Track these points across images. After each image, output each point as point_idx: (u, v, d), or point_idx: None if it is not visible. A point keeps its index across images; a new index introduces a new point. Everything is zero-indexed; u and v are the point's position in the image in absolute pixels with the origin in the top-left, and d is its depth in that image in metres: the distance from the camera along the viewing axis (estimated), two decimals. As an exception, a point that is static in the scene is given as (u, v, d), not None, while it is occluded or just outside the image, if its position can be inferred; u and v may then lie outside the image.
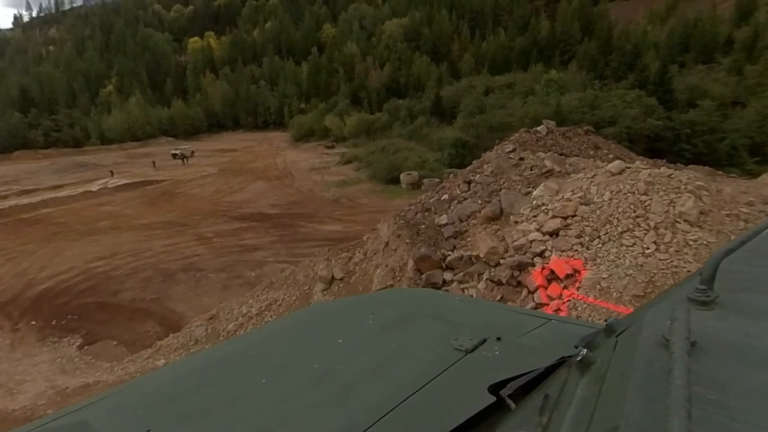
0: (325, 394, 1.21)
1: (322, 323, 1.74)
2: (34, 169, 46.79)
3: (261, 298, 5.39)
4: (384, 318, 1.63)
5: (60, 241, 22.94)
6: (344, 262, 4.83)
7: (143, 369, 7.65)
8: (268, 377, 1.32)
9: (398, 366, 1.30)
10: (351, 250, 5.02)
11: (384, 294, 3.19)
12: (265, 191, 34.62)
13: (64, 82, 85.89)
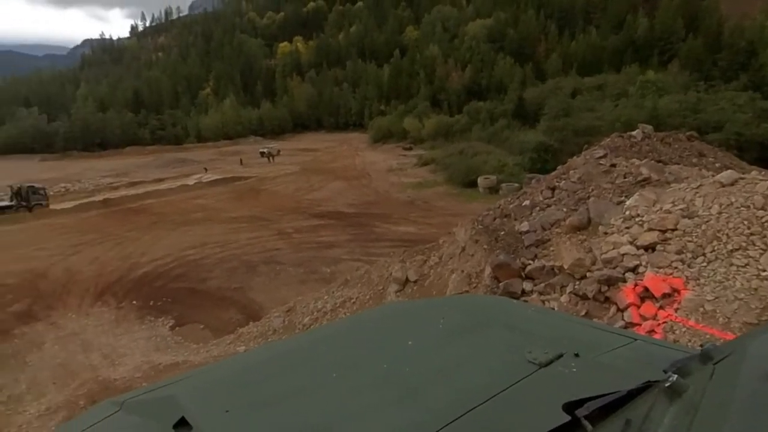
0: (391, 394, 1.21)
1: (394, 323, 1.75)
2: (141, 164, 51.83)
3: (336, 294, 5.49)
4: (455, 323, 1.61)
5: (159, 229, 25.13)
6: (419, 265, 4.76)
7: (225, 353, 8.16)
8: (338, 372, 1.34)
9: (467, 373, 1.28)
10: (426, 253, 4.94)
11: (456, 299, 3.08)
12: (343, 190, 35.57)
13: (169, 85, 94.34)
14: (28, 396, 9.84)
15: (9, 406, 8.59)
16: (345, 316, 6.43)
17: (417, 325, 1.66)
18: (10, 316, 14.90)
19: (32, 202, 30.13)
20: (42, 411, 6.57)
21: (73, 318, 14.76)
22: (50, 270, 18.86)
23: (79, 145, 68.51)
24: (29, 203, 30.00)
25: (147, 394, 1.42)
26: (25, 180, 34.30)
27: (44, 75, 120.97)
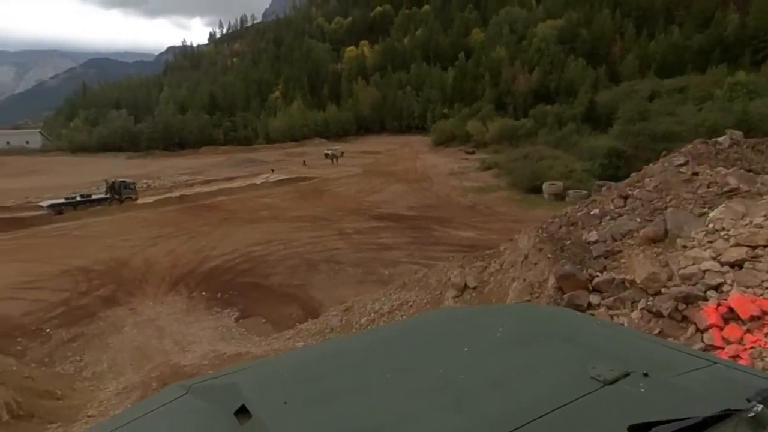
0: (446, 399, 1.20)
1: (450, 328, 1.73)
2: (214, 163, 54.91)
3: (393, 297, 5.49)
4: (514, 332, 1.58)
5: (229, 225, 26.48)
6: (479, 271, 4.64)
7: (284, 347, 8.45)
8: (393, 373, 1.35)
9: (525, 384, 1.25)
10: (486, 260, 4.81)
11: (516, 307, 2.98)
12: (403, 193, 35.68)
13: (241, 89, 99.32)
14: (108, 374, 10.73)
15: (92, 382, 9.41)
16: (402, 319, 6.43)
17: (474, 332, 1.64)
18: (96, 300, 16.30)
19: (123, 196, 32.98)
20: (120, 389, 7.15)
21: (150, 305, 15.89)
22: (132, 259, 20.44)
23: (160, 145, 73.86)
24: (121, 196, 32.84)
25: (212, 380, 1.48)
26: (113, 175, 37.52)
27: (133, 80, 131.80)
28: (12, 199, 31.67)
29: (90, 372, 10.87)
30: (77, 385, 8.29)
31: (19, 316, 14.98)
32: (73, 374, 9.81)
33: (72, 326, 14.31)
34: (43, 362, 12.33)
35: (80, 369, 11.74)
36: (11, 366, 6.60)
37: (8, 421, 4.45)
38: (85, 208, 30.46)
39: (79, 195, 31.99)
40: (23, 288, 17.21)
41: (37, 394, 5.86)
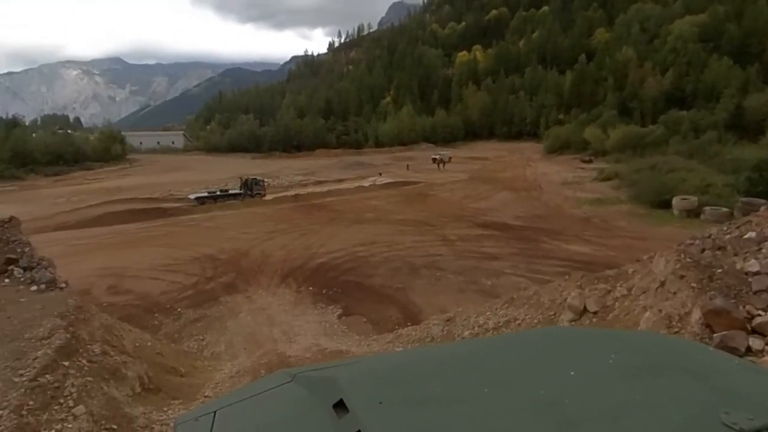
0: (546, 423, 1.14)
1: (558, 349, 1.64)
2: (327, 165, 57.92)
3: (499, 312, 5.15)
4: (629, 361, 1.45)
5: (336, 225, 27.65)
6: (601, 294, 4.14)
7: (383, 350, 8.51)
8: (491, 388, 1.31)
9: (639, 420, 1.13)
10: (610, 282, 4.28)
11: (634, 335, 2.65)
12: (510, 202, 34.34)
13: (355, 95, 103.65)
14: (225, 356, 11.71)
15: (211, 362, 10.34)
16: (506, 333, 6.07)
17: (583, 355, 1.54)
18: (219, 285, 17.97)
19: (254, 192, 36.40)
20: (233, 373, 7.74)
21: (263, 295, 17.10)
22: (250, 251, 22.23)
23: (280, 147, 79.91)
24: (252, 192, 36.26)
25: (314, 372, 1.57)
26: (239, 174, 41.37)
27: (260, 88, 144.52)
28: (158, 192, 36.41)
29: (209, 351, 11.98)
30: (198, 363, 9.14)
31: (158, 294, 17.05)
32: (196, 352, 10.92)
33: (198, 308, 15.92)
34: (173, 338, 13.88)
35: (202, 347, 12.99)
36: (147, 341, 7.51)
37: (139, 393, 5.03)
38: (223, 202, 34.26)
39: (218, 190, 36.11)
40: (163, 270, 19.59)
41: (165, 370, 6.57)
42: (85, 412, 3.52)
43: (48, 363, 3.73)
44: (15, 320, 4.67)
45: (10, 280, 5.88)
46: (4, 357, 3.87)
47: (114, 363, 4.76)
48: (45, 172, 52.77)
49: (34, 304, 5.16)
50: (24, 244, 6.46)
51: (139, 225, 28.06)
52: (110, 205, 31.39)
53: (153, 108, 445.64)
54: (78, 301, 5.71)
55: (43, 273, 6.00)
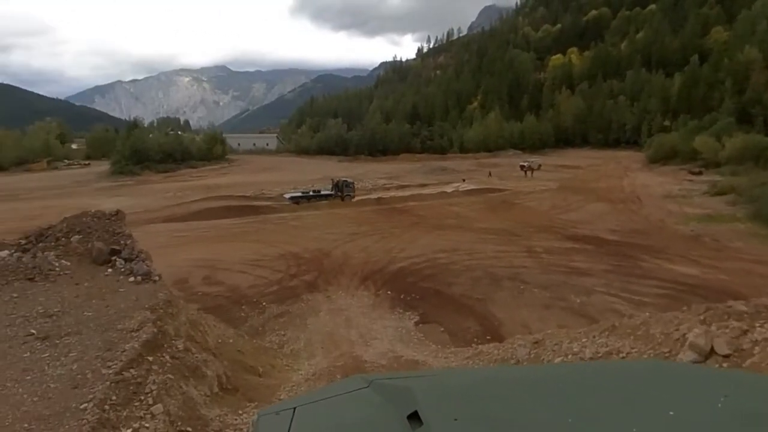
0: None
1: (659, 384, 1.48)
2: (410, 169, 58.10)
3: (598, 341, 4.59)
4: (742, 406, 1.27)
5: (417, 230, 27.50)
6: (734, 335, 3.45)
7: (461, 366, 8.12)
8: (576, 418, 1.22)
9: None
10: (746, 320, 3.58)
11: (755, 378, 2.31)
12: (604, 214, 31.96)
13: (441, 100, 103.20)
14: (303, 354, 12.00)
15: (289, 361, 10.61)
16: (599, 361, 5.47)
17: (688, 395, 1.40)
18: (302, 283, 18.58)
19: (344, 193, 37.46)
20: (309, 375, 7.83)
21: (342, 296, 17.38)
22: (333, 251, 22.78)
23: (366, 151, 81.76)
24: (342, 194, 37.35)
25: (391, 380, 1.56)
26: (327, 176, 42.87)
27: (349, 93, 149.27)
28: (251, 191, 38.78)
29: (289, 348, 12.35)
30: (277, 362, 9.40)
31: (246, 288, 18.01)
32: (276, 349, 11.26)
33: (281, 303, 16.55)
34: (257, 331, 14.54)
35: (283, 343, 13.45)
36: (229, 338, 7.84)
37: (217, 393, 5.21)
38: (316, 202, 35.65)
39: (311, 190, 37.69)
40: (251, 265, 20.69)
41: (244, 369, 6.79)
42: (163, 412, 3.67)
43: (134, 357, 3.95)
44: (111, 310, 5.07)
45: (113, 270, 6.45)
46: (97, 347, 4.19)
47: (195, 361, 4.97)
48: (157, 169, 58.80)
49: (130, 295, 5.59)
50: (126, 236, 7.07)
51: (232, 221, 30.03)
52: (208, 202, 33.98)
53: (251, 112, 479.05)
54: (168, 294, 6.07)
55: (140, 265, 6.52)
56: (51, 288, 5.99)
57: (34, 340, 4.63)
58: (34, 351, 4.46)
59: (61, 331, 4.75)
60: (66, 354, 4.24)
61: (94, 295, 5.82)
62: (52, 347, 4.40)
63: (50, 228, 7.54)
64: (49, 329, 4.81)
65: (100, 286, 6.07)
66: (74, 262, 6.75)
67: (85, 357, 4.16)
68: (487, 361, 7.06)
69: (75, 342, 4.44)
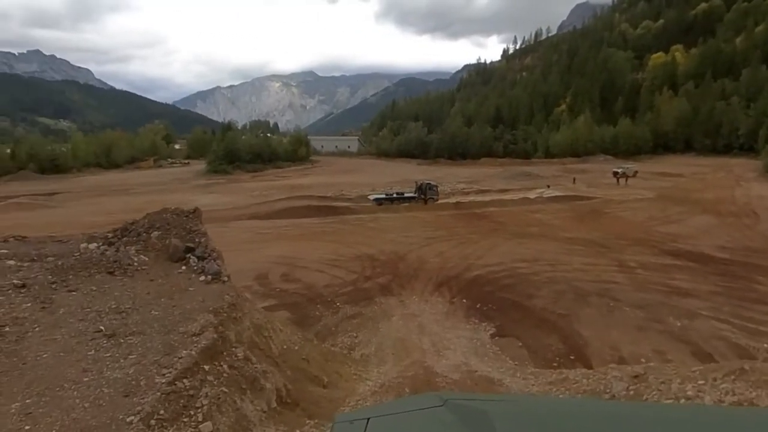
0: None
1: None
2: (491, 174, 56.40)
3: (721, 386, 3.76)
4: None
5: (497, 237, 26.42)
6: None
7: (542, 391, 7.39)
8: None
9: None
10: None
11: None
12: (711, 228, 28.58)
13: (527, 103, 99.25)
14: (373, 359, 11.83)
15: (358, 369, 10.42)
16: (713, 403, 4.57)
17: None
18: (376, 286, 18.50)
19: (428, 196, 37.15)
20: (377, 387, 7.56)
21: (416, 301, 17.03)
22: (408, 255, 22.53)
23: (445, 154, 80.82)
24: (425, 197, 37.06)
25: (466, 401, 1.51)
26: (406, 178, 42.80)
27: (430, 96, 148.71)
28: (332, 192, 39.76)
29: (359, 353, 12.24)
30: (345, 370, 9.25)
31: (322, 287, 18.29)
32: (345, 354, 11.12)
33: (355, 305, 16.57)
34: (330, 331, 14.65)
35: (353, 346, 13.39)
36: (294, 345, 7.75)
37: (275, 408, 5.07)
38: (399, 204, 35.75)
39: (395, 192, 37.79)
40: (328, 264, 21.04)
41: (308, 378, 6.65)
42: (212, 431, 3.56)
43: (189, 366, 3.89)
44: (177, 310, 5.14)
45: (186, 267, 6.65)
46: (157, 349, 4.22)
47: (254, 372, 4.86)
48: (246, 169, 62.60)
49: (197, 296, 5.67)
50: (201, 234, 7.27)
51: (312, 220, 30.91)
52: (291, 201, 35.32)
53: (335, 115, 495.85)
54: (234, 297, 6.09)
55: (212, 264, 6.65)
56: (127, 283, 6.23)
57: (101, 336, 4.74)
58: (98, 349, 4.56)
59: (127, 329, 4.84)
60: (126, 356, 4.27)
61: (164, 293, 5.96)
62: (115, 346, 4.48)
63: (134, 223, 7.97)
64: (116, 326, 4.92)
65: (172, 284, 6.23)
66: (152, 258, 7.04)
67: (143, 360, 4.15)
68: (574, 391, 6.32)
69: (137, 342, 4.50)
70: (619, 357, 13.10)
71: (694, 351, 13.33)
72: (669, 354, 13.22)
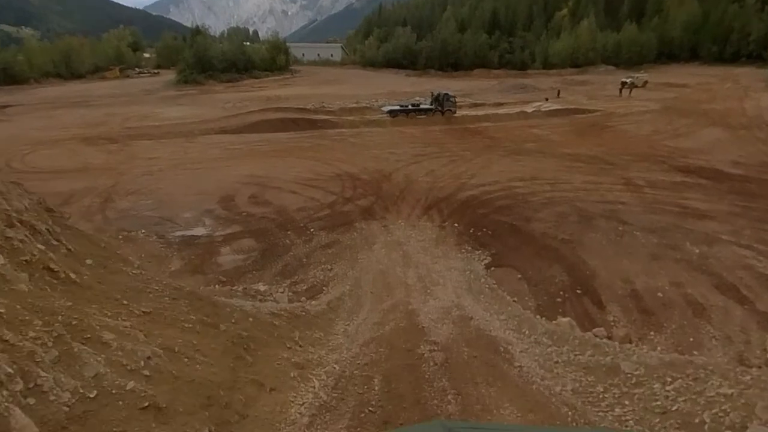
0: None
1: None
2: (485, 87, 52.43)
3: None
4: None
5: (491, 154, 24.06)
6: None
7: (565, 361, 5.59)
8: None
9: None
10: None
11: None
12: (722, 142, 26.44)
13: (525, 7, 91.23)
14: (348, 301, 9.95)
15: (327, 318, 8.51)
16: None
17: None
18: (356, 209, 16.37)
19: (445, 108, 33.67)
20: (348, 357, 5.57)
21: (402, 226, 15.04)
22: (394, 174, 20.22)
23: (436, 65, 75.10)
24: (443, 108, 33.64)
25: (470, 429, 1.58)
26: (394, 91, 39.11)
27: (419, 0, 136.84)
28: (312, 103, 36.24)
29: (330, 297, 10.28)
30: (309, 343, 7.16)
31: (294, 210, 16.14)
32: (315, 315, 8.95)
33: (332, 231, 14.55)
34: (301, 263, 12.69)
35: (326, 281, 11.50)
36: None
37: None
38: (414, 116, 32.59)
39: (410, 103, 34.34)
40: (303, 184, 18.73)
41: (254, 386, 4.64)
42: None
43: None
44: None
45: None
46: None
47: None
48: (220, 79, 57.45)
49: None
50: None
51: (288, 135, 28.00)
52: (265, 114, 31.98)
53: (319, 23, 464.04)
54: None
55: None
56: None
57: None
58: None
59: None
60: None
61: None
62: None
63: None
64: None
65: None
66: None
67: None
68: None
69: None
70: (632, 291, 11.46)
71: (717, 283, 11.72)
72: (688, 287, 11.60)
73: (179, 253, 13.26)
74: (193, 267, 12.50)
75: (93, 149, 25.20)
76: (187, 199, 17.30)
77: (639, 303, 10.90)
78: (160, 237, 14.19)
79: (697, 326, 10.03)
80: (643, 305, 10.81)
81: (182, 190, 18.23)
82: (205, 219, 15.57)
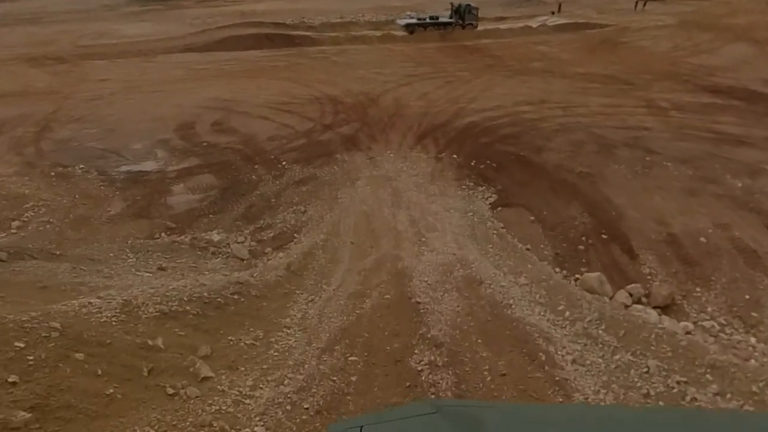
0: None
1: None
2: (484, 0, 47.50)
3: None
4: None
5: (493, 74, 21.18)
6: None
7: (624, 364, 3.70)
8: None
9: None
10: None
11: None
12: (750, 58, 23.60)
13: None
14: (322, 256, 7.86)
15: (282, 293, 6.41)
16: None
17: None
18: (337, 138, 13.94)
19: (466, 21, 30.26)
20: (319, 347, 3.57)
21: (391, 157, 12.75)
22: (381, 97, 17.54)
23: (430, -23, 68.64)
24: (464, 22, 30.21)
25: (461, 408, 1.49)
26: (380, 5, 34.84)
27: None
28: (290, 18, 32.20)
29: (300, 251, 8.15)
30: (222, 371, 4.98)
31: (264, 140, 13.71)
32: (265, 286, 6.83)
33: (307, 164, 12.23)
34: (269, 202, 10.50)
35: (298, 227, 9.37)
36: None
37: None
38: (433, 30, 29.58)
39: (428, 17, 30.83)
40: (276, 109, 16.08)
41: None
42: None
43: None
44: None
45: None
46: None
47: None
48: (192, -6, 51.69)
49: None
50: None
51: (262, 53, 24.60)
52: (236, 29, 28.12)
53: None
54: None
55: None
56: None
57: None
58: None
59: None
60: None
61: None
62: None
63: None
64: None
65: None
66: None
67: None
68: None
69: None
70: (669, 235, 9.50)
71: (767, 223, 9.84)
72: (735, 228, 9.66)
73: (122, 192, 11.00)
74: (137, 210, 10.30)
75: (37, 71, 21.91)
76: (139, 127, 14.70)
77: (679, 251, 8.97)
78: (102, 173, 11.83)
79: (752, 279, 8.17)
80: (684, 253, 8.89)
81: (135, 117, 15.54)
82: (157, 151, 13.10)
